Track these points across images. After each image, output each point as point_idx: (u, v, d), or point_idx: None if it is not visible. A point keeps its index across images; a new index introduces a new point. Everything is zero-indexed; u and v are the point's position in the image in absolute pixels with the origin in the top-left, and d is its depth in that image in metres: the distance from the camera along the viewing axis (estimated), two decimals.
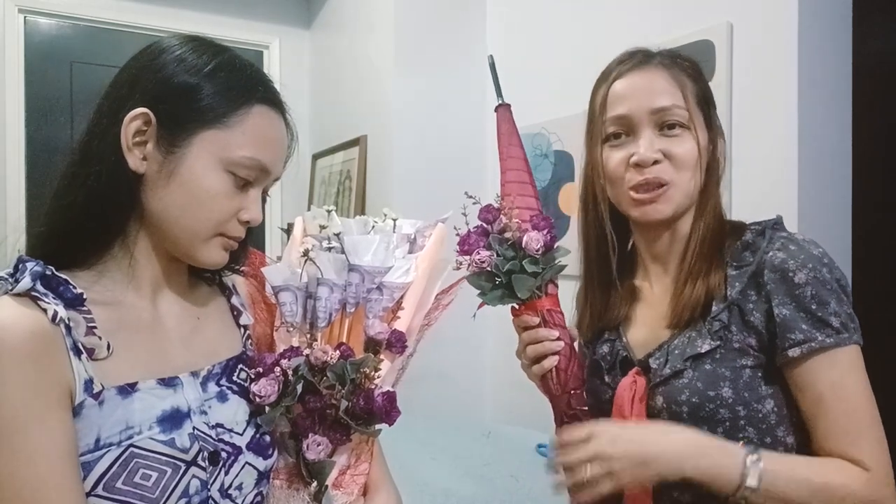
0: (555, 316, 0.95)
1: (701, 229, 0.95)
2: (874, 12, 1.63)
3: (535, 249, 0.92)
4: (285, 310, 0.85)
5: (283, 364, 0.79)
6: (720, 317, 0.90)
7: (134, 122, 0.72)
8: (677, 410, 0.90)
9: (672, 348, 0.93)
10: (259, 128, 0.76)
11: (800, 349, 0.84)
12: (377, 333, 0.84)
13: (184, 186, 0.73)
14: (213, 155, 0.74)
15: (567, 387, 0.95)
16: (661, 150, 0.92)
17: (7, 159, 2.83)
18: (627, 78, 0.95)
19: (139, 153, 0.73)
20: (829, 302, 0.84)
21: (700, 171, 0.94)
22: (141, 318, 0.76)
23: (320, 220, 0.90)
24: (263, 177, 0.78)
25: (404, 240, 0.93)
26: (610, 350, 1.02)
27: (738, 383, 0.87)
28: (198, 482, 0.72)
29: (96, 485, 0.66)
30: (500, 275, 0.93)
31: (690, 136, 0.93)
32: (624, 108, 0.94)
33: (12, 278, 0.67)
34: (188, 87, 0.74)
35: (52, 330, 0.65)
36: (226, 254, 0.79)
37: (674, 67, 0.95)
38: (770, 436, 0.88)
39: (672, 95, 0.93)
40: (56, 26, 2.94)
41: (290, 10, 3.44)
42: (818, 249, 0.88)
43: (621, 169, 0.95)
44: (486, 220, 0.96)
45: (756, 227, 0.94)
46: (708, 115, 0.97)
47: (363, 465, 0.85)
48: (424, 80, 2.57)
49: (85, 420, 0.66)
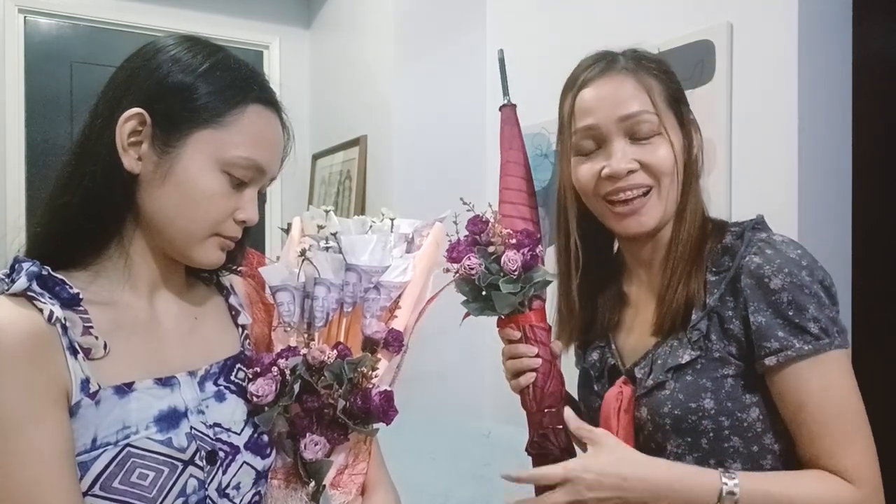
0: (536, 332, 0.95)
1: (683, 232, 0.92)
2: (874, 12, 1.63)
3: (512, 270, 0.91)
4: (283, 310, 0.85)
5: (281, 364, 0.80)
6: (699, 325, 0.88)
7: (129, 122, 0.72)
8: (660, 422, 0.89)
9: (655, 358, 0.92)
10: (255, 127, 0.76)
11: (776, 358, 0.82)
12: (374, 333, 0.84)
13: (179, 186, 0.73)
14: (208, 155, 0.73)
15: (542, 404, 0.93)
16: (635, 160, 0.89)
17: (7, 159, 2.83)
18: (593, 87, 0.92)
19: (134, 153, 0.73)
20: (808, 307, 0.81)
21: (679, 175, 0.91)
22: (138, 317, 0.76)
23: (318, 219, 0.90)
24: (259, 177, 0.78)
25: (402, 239, 0.93)
26: (600, 357, 1.01)
27: (719, 394, 0.85)
28: (195, 482, 0.72)
29: (93, 484, 0.66)
30: (483, 287, 0.92)
31: (664, 140, 0.90)
32: (591, 119, 0.91)
33: (8, 279, 0.67)
34: (183, 87, 0.73)
35: (49, 330, 0.65)
36: (222, 254, 0.79)
37: (639, 71, 0.92)
38: (757, 444, 0.86)
39: (640, 101, 0.89)
40: (56, 26, 2.94)
41: (290, 10, 3.44)
42: (796, 251, 0.84)
43: (593, 182, 0.92)
44: (474, 232, 0.95)
45: (736, 228, 0.92)
46: (679, 114, 0.93)
47: (361, 465, 0.85)
48: (424, 80, 2.56)
49: (81, 420, 0.66)
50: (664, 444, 0.90)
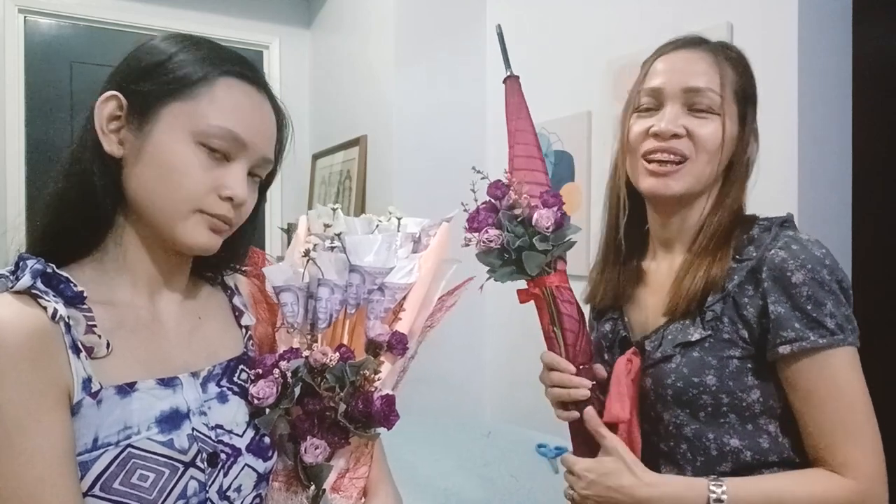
0: (563, 292, 0.95)
1: (713, 224, 0.95)
2: (874, 12, 1.63)
3: (546, 227, 0.91)
4: (286, 310, 0.84)
5: (283, 365, 0.79)
6: (714, 307, 0.91)
7: (106, 105, 0.73)
8: (662, 393, 0.94)
9: (666, 333, 0.95)
10: (228, 98, 0.75)
11: (790, 347, 0.85)
12: (378, 335, 0.83)
13: (154, 161, 0.72)
14: (181, 127, 0.73)
15: (576, 361, 0.96)
16: (684, 126, 0.92)
17: (7, 159, 2.83)
18: (671, 55, 0.97)
19: (115, 137, 0.74)
20: (826, 303, 0.85)
21: (719, 160, 0.94)
22: (140, 317, 0.76)
23: (325, 218, 0.88)
24: (241, 150, 0.75)
25: (409, 239, 0.91)
26: (612, 328, 1.05)
27: (723, 372, 0.89)
28: (196, 483, 0.72)
29: (93, 485, 0.65)
30: (510, 251, 0.93)
31: (717, 121, 0.93)
32: (658, 82, 0.95)
33: (13, 276, 0.67)
34: (154, 65, 0.74)
35: (52, 328, 0.65)
36: (212, 234, 0.76)
37: (719, 55, 0.95)
38: (752, 423, 0.90)
39: (709, 79, 0.93)
40: (56, 26, 2.94)
41: (290, 10, 3.44)
42: (821, 251, 0.88)
43: (640, 138, 0.96)
44: (495, 196, 0.95)
45: (765, 222, 0.95)
46: (743, 110, 0.96)
47: (362, 469, 0.84)
48: (424, 81, 2.56)
49: (83, 419, 0.66)
50: (662, 415, 0.95)
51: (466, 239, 0.94)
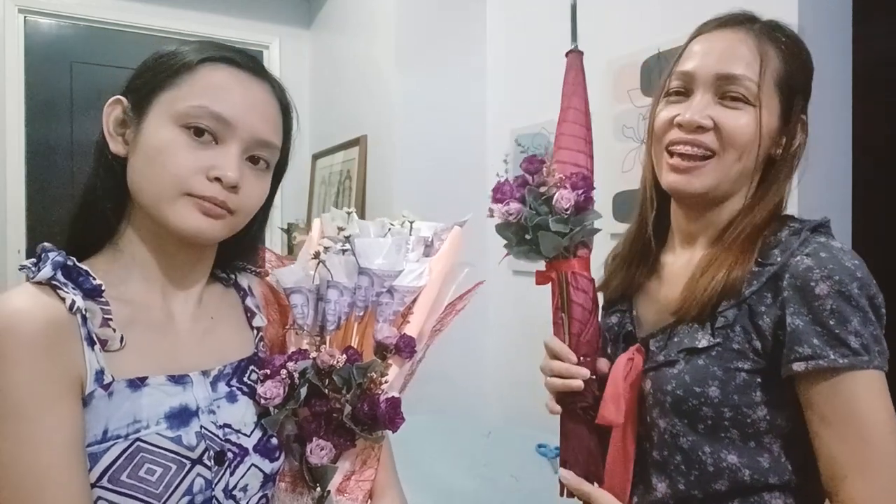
0: (579, 279, 0.91)
1: (745, 222, 0.86)
2: (874, 12, 1.63)
3: (564, 208, 0.86)
4: (296, 312, 0.85)
5: (290, 366, 0.79)
6: (726, 313, 0.83)
7: (112, 110, 0.77)
8: (661, 399, 0.87)
9: (673, 335, 0.89)
10: (210, 80, 0.76)
11: (805, 364, 0.76)
12: (385, 338, 0.83)
13: (143, 149, 0.74)
14: (165, 113, 0.75)
15: (578, 352, 0.92)
16: (711, 118, 0.84)
17: (7, 159, 2.83)
18: (709, 35, 0.88)
19: (121, 138, 0.77)
20: (851, 320, 0.75)
21: (753, 156, 0.85)
22: (152, 315, 0.77)
23: (339, 221, 0.88)
24: (227, 129, 0.75)
25: (420, 243, 0.90)
26: (619, 321, 1.00)
27: (728, 385, 0.82)
28: (202, 481, 0.72)
29: (101, 476, 0.66)
30: (529, 229, 0.89)
31: (752, 112, 0.83)
32: (691, 65, 0.87)
33: (35, 266, 0.69)
34: (149, 63, 0.78)
35: (68, 319, 0.67)
36: (204, 218, 0.74)
37: (764, 38, 0.85)
38: (755, 440, 0.82)
39: (746, 66, 0.83)
40: (56, 26, 2.94)
41: (290, 10, 3.44)
42: (853, 262, 0.78)
43: (665, 126, 0.88)
44: (528, 171, 0.90)
45: (796, 224, 0.86)
46: (787, 104, 0.86)
47: (369, 472, 0.84)
48: (425, 80, 2.57)
49: (94, 411, 0.67)
50: (658, 421, 0.88)
51: (490, 210, 0.91)
